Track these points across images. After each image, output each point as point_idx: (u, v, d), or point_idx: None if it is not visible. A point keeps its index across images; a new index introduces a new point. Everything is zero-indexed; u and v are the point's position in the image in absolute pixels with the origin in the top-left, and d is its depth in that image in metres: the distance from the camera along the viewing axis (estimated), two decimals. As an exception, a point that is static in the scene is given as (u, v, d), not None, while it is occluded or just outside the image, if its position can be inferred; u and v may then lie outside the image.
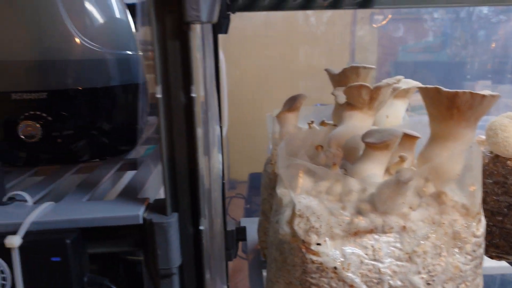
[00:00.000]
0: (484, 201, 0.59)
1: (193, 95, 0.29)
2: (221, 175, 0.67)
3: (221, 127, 0.68)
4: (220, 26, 0.63)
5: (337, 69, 0.57)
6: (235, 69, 2.03)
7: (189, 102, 0.29)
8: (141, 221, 0.30)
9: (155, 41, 0.28)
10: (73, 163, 0.46)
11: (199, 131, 0.31)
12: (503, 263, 0.63)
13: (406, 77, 0.63)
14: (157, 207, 0.32)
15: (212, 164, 0.56)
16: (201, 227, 0.31)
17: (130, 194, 0.35)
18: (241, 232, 0.72)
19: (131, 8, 0.57)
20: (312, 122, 0.62)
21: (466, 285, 0.39)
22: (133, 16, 0.56)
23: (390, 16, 2.01)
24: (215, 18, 0.29)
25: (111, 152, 0.49)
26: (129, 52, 0.48)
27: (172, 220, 0.30)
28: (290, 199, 0.43)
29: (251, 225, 0.76)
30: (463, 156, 0.41)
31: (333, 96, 0.56)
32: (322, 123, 0.61)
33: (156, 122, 0.77)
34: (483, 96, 0.39)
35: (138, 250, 0.31)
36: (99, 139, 0.46)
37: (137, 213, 0.30)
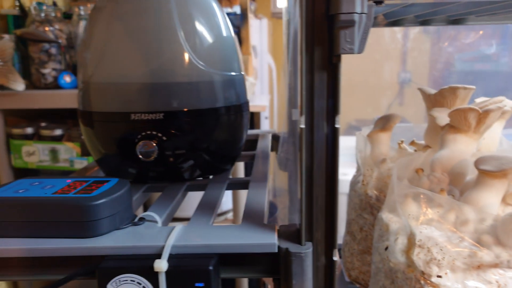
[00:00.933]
0: None
1: (337, 125, 0.29)
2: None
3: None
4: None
5: (432, 89, 0.55)
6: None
7: (333, 133, 0.29)
8: (275, 250, 0.30)
9: (303, 72, 0.28)
10: (180, 180, 0.47)
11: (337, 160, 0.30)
12: None
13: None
14: (287, 234, 0.32)
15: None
16: (335, 258, 0.31)
17: (256, 218, 0.35)
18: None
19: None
20: (402, 141, 0.60)
21: None
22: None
23: (481, 32, 1.94)
24: (363, 49, 0.29)
25: (214, 170, 0.50)
26: (234, 73, 0.49)
27: (308, 251, 0.30)
28: (400, 225, 0.42)
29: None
30: None
31: (431, 116, 0.54)
32: (412, 143, 0.60)
33: (251, 136, 0.77)
34: None
35: (270, 277, 0.31)
36: (204, 158, 0.47)
37: (273, 241, 0.30)
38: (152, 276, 0.29)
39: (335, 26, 0.27)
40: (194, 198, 0.54)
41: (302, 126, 0.29)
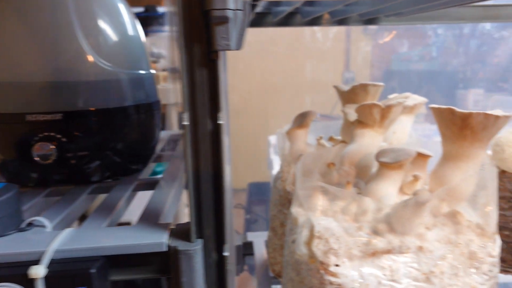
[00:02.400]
0: (490, 216, 0.59)
1: (220, 122, 0.29)
2: (230, 188, 0.67)
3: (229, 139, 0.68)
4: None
5: (346, 86, 0.58)
6: (240, 82, 2.04)
7: (216, 129, 0.29)
8: (165, 249, 0.30)
9: (182, 70, 0.28)
10: (86, 183, 0.46)
11: (226, 154, 0.31)
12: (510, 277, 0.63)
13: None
14: (180, 233, 0.32)
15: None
16: (226, 253, 0.31)
17: (151, 218, 0.35)
18: (248, 247, 0.72)
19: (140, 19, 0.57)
20: (321, 137, 0.62)
21: (483, 304, 0.39)
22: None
23: (394, 32, 2.03)
24: (242, 46, 0.29)
25: (124, 172, 0.48)
26: (142, 72, 0.48)
27: (197, 248, 0.30)
28: (305, 219, 0.43)
29: (256, 239, 0.76)
30: (476, 177, 0.41)
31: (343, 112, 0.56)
32: (331, 139, 0.62)
33: (166, 137, 0.76)
34: (497, 117, 0.40)
35: (161, 277, 0.31)
36: (112, 159, 0.46)
37: (161, 240, 0.30)
38: (30, 283, 0.28)
39: (210, 22, 0.28)
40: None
41: (186, 123, 0.29)
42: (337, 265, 0.38)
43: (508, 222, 0.58)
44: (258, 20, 0.62)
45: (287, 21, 0.61)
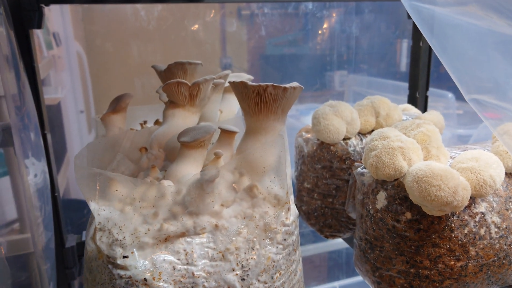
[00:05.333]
0: (316, 185, 0.62)
1: None
2: (48, 186, 0.59)
3: (45, 134, 0.61)
4: (30, 21, 0.56)
5: (163, 66, 0.54)
6: (97, 69, 1.89)
7: None
8: None
9: None
10: None
11: None
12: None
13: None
14: None
15: (22, 177, 0.49)
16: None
17: None
18: (82, 248, 0.66)
19: None
20: (145, 122, 0.58)
21: (280, 273, 0.40)
22: None
23: (214, 11, 2.06)
24: None
25: None
26: None
27: None
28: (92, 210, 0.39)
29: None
30: (274, 148, 0.42)
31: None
32: (156, 123, 0.58)
33: None
34: (285, 88, 0.41)
35: None
36: None
37: None
38: None
39: None
40: None
41: None
42: (125, 257, 0.35)
43: (331, 190, 0.62)
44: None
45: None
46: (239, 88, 0.42)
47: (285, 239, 0.40)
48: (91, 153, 0.39)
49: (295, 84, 0.43)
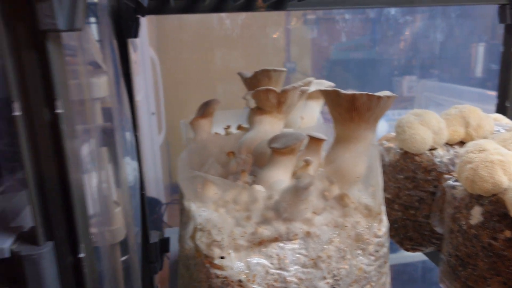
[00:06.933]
0: (398, 196, 0.61)
1: (58, 111, 0.26)
2: (138, 185, 0.63)
3: (136, 135, 0.65)
4: (128, 30, 0.60)
5: (249, 73, 0.56)
6: (171, 76, 1.98)
7: (55, 119, 0.27)
8: (7, 255, 0.27)
9: (6, 52, 0.25)
10: None
11: (70, 147, 0.28)
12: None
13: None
14: (29, 236, 0.29)
15: (120, 175, 0.53)
16: (81, 255, 0.29)
17: (1, 222, 0.31)
18: (164, 244, 0.69)
19: None
20: (229, 126, 0.60)
21: (371, 285, 0.39)
22: None
23: (296, 19, 2.05)
24: (78, 25, 0.26)
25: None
26: None
27: (43, 251, 0.27)
28: (192, 211, 0.41)
29: (174, 235, 0.73)
30: (365, 157, 0.41)
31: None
32: (240, 127, 0.60)
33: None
34: (379, 97, 0.40)
35: (7, 287, 0.28)
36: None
37: (2, 245, 0.27)
38: None
39: (31, -2, 0.24)
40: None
41: (17, 113, 0.26)
42: (222, 257, 0.37)
43: (414, 201, 0.59)
44: (160, 7, 0.59)
45: (190, 7, 0.59)
46: (331, 96, 0.42)
47: (377, 251, 0.39)
48: (189, 156, 0.41)
49: (388, 93, 0.42)
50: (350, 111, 0.41)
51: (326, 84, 0.62)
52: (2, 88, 0.31)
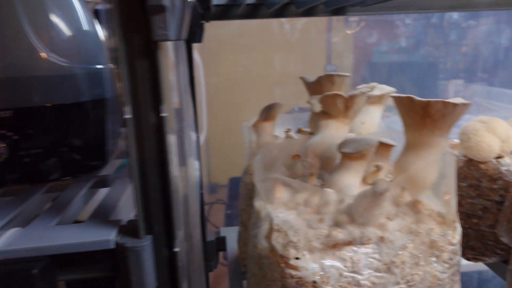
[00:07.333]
0: (460, 204, 0.60)
1: (163, 114, 0.29)
2: (199, 184, 0.66)
3: (198, 136, 0.67)
4: (194, 35, 0.62)
5: (312, 77, 0.57)
6: (212, 76, 2.02)
7: (160, 122, 0.29)
8: (112, 246, 0.29)
9: (122, 61, 0.27)
10: (42, 182, 0.45)
11: (172, 148, 0.30)
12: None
13: (381, 78, 0.63)
14: (130, 229, 0.31)
15: (189, 174, 0.55)
16: (176, 249, 0.31)
17: (102, 215, 0.34)
18: (221, 242, 0.71)
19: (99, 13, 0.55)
20: (289, 130, 0.62)
21: (444, 293, 0.39)
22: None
23: (363, 23, 2.03)
24: (184, 35, 0.28)
25: (82, 169, 0.47)
26: (98, 66, 0.47)
27: (145, 244, 0.29)
28: (267, 212, 0.42)
29: (230, 234, 0.75)
30: (437, 165, 0.41)
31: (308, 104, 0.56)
32: (299, 131, 0.61)
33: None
34: (455, 104, 0.40)
35: (110, 276, 0.30)
36: (69, 156, 0.44)
37: (108, 237, 0.29)
38: (-33, 287, 0.27)
39: (147, 11, 0.27)
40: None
41: (128, 116, 0.28)
42: (297, 258, 0.38)
43: (476, 210, 0.58)
44: (223, 13, 0.61)
45: (252, 12, 0.60)
46: (404, 102, 0.42)
47: (451, 258, 0.39)
48: (263, 158, 0.43)
49: (464, 100, 0.42)
50: (424, 117, 0.41)
51: (388, 89, 0.62)
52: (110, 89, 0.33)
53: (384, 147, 0.45)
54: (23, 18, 0.40)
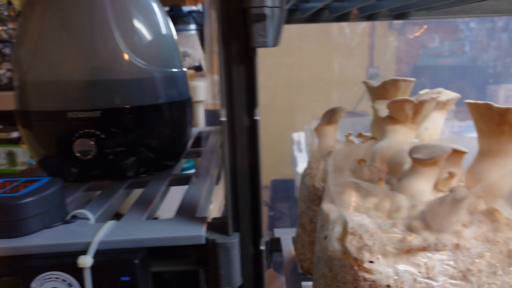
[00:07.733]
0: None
1: (256, 117, 0.30)
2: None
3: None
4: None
5: (376, 82, 0.57)
6: (267, 79, 2.05)
7: (253, 125, 0.30)
8: (203, 242, 0.31)
9: (221, 66, 0.29)
10: (122, 178, 0.47)
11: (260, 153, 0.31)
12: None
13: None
14: (217, 226, 0.33)
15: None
16: (262, 247, 0.32)
17: (188, 212, 0.36)
18: (275, 243, 0.73)
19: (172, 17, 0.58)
20: (350, 134, 0.62)
21: (522, 304, 0.38)
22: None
23: (425, 26, 1.99)
24: (279, 42, 0.29)
25: (158, 167, 0.50)
26: (175, 70, 0.49)
27: (234, 241, 0.31)
28: (337, 215, 0.43)
29: (283, 236, 0.76)
30: (514, 173, 0.40)
31: (373, 108, 0.56)
32: (360, 135, 0.61)
33: (195, 134, 0.78)
34: (536, 112, 0.39)
35: (199, 269, 0.32)
36: (147, 155, 0.47)
37: (200, 233, 0.31)
38: (77, 272, 0.29)
39: (248, 19, 0.28)
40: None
41: (223, 119, 0.30)
42: (371, 262, 0.38)
43: (546, 221, 0.56)
44: (286, 17, 0.62)
45: (315, 17, 0.61)
46: (480, 109, 0.42)
47: (530, 270, 0.38)
48: (335, 162, 0.43)
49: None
50: (501, 124, 0.41)
51: (452, 95, 0.61)
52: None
53: (456, 154, 0.44)
54: (113, 24, 0.43)
